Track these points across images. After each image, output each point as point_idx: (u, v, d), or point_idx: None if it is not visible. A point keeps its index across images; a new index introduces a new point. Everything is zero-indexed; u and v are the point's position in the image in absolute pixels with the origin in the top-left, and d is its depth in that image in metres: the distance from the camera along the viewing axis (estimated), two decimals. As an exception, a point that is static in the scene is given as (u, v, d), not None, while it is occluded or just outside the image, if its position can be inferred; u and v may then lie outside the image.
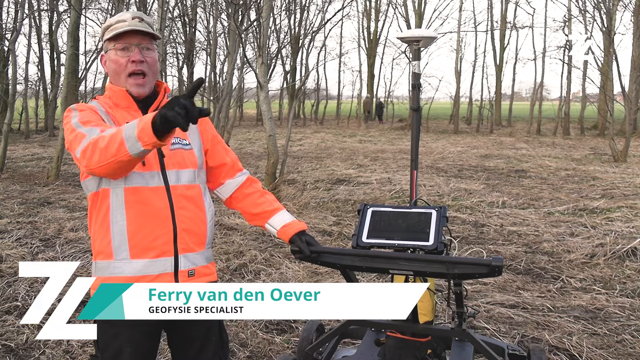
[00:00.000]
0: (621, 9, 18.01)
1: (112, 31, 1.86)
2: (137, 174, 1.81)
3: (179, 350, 1.99)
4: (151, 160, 1.84)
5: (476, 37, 29.11)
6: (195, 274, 1.91)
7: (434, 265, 2.07)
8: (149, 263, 1.82)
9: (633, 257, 5.18)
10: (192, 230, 1.89)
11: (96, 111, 1.85)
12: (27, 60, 20.71)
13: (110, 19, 1.91)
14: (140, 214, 1.80)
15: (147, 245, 1.81)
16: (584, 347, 3.40)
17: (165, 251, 1.83)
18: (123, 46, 1.85)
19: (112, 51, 1.87)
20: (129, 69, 1.85)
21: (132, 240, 1.80)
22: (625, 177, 10.02)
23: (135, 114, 1.87)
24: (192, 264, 1.90)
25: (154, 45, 1.92)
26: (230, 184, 2.08)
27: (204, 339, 1.97)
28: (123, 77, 1.87)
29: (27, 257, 5.14)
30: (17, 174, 10.19)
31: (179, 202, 1.86)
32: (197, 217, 1.91)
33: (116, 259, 1.81)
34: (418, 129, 2.83)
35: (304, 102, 29.56)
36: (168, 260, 1.84)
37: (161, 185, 1.84)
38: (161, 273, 1.83)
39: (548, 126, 23.54)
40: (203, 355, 1.97)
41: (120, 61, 1.85)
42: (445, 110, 32.00)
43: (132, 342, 1.85)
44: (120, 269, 1.80)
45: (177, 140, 1.91)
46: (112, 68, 1.88)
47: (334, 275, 4.65)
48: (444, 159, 12.86)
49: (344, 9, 27.34)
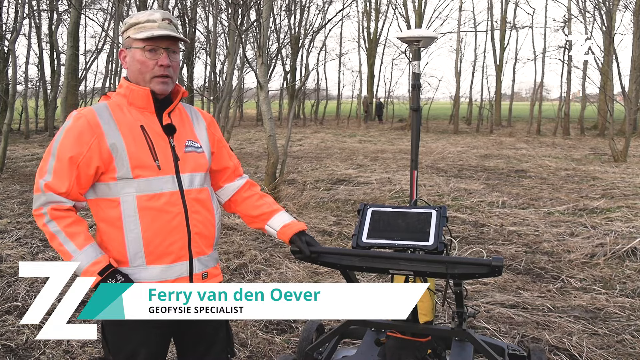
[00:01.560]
0: (621, 9, 18.02)
1: (142, 30, 1.81)
2: (151, 180, 1.79)
3: (188, 347, 2.00)
4: (167, 164, 1.82)
5: (476, 37, 29.11)
6: (208, 276, 1.92)
7: (434, 265, 2.07)
8: (165, 268, 1.81)
9: (633, 257, 5.18)
10: (204, 233, 1.90)
11: (96, 124, 1.76)
12: (27, 60, 20.78)
13: (139, 16, 1.85)
14: (155, 220, 1.78)
15: (164, 251, 1.80)
16: (584, 347, 3.40)
17: (181, 256, 1.83)
18: (152, 48, 1.81)
19: (139, 51, 1.82)
20: (155, 72, 1.82)
21: (148, 247, 1.78)
22: (625, 177, 10.02)
23: (150, 115, 1.85)
24: (205, 266, 1.91)
25: (180, 49, 1.90)
26: (230, 187, 2.08)
27: (213, 335, 1.99)
28: (148, 77, 1.83)
29: (27, 257, 5.14)
30: (17, 174, 10.19)
31: (193, 206, 1.85)
32: (208, 220, 1.91)
33: (132, 266, 1.79)
34: (418, 129, 2.83)
35: (304, 102, 29.55)
36: (184, 265, 1.84)
37: (175, 190, 1.82)
38: (177, 277, 1.83)
39: (548, 126, 23.55)
40: (212, 351, 1.99)
41: (148, 63, 1.82)
42: (445, 110, 32.01)
43: (148, 343, 1.84)
44: (136, 275, 1.79)
45: (190, 143, 1.90)
46: (137, 68, 1.83)
47: (334, 275, 4.65)
48: (444, 159, 12.86)
49: (344, 9, 27.41)
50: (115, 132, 1.78)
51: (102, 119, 1.79)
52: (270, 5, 8.15)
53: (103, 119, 1.79)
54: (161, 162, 1.80)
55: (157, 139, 1.83)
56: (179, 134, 1.89)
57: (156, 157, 1.80)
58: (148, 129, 1.83)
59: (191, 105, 2.06)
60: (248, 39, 16.38)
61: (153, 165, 1.79)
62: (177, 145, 1.87)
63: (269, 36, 9.06)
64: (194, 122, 1.97)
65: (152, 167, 1.79)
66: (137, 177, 1.77)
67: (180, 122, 1.92)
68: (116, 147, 1.76)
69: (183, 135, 1.90)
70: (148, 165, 1.79)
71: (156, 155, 1.80)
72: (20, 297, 4.15)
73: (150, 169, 1.79)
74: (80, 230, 1.75)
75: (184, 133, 1.91)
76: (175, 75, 1.89)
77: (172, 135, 1.87)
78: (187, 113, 1.98)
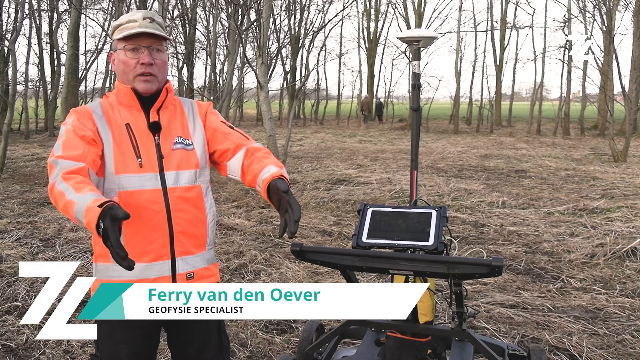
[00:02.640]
0: (621, 9, 18.02)
1: (122, 31, 1.84)
2: (133, 177, 1.80)
3: (179, 351, 1.99)
4: (149, 162, 1.82)
5: (476, 37, 29.11)
6: (195, 277, 1.89)
7: (434, 265, 2.07)
8: (145, 267, 1.81)
9: (633, 257, 5.18)
10: (191, 232, 1.87)
11: (92, 118, 1.84)
12: (27, 60, 20.75)
13: (122, 18, 1.88)
14: (134, 218, 1.75)
15: (143, 249, 1.80)
16: (584, 347, 3.40)
17: (161, 255, 1.82)
18: (132, 47, 1.83)
19: (122, 51, 1.85)
20: (137, 70, 1.84)
21: (128, 244, 1.76)
22: (625, 177, 10.02)
23: (137, 114, 1.88)
24: (191, 266, 1.88)
25: (164, 47, 1.90)
26: (232, 165, 1.96)
27: (202, 341, 1.96)
28: (131, 77, 1.86)
29: (27, 257, 5.14)
30: (17, 174, 10.19)
31: (177, 205, 1.84)
32: (196, 218, 1.89)
33: (114, 262, 1.79)
34: (418, 129, 2.83)
35: (304, 102, 29.55)
36: (165, 264, 1.83)
37: (157, 188, 1.82)
38: (158, 277, 1.83)
39: (548, 126, 23.54)
40: (201, 358, 1.97)
41: (130, 62, 1.84)
42: (445, 110, 32.00)
43: (128, 343, 1.85)
44: (118, 272, 1.78)
45: (179, 140, 1.89)
46: (121, 68, 1.87)
47: (334, 275, 4.65)
48: (444, 159, 12.86)
49: (345, 9, 27.41)
50: (105, 129, 1.83)
51: (96, 115, 1.85)
52: (270, 5, 8.15)
53: (97, 115, 1.85)
54: (144, 160, 1.81)
55: (141, 137, 1.85)
56: (167, 131, 1.89)
57: (139, 154, 1.82)
58: (133, 127, 1.86)
59: (192, 100, 2.04)
60: (248, 39, 16.38)
61: (135, 163, 1.81)
62: (164, 143, 1.87)
63: (269, 36, 9.05)
64: (189, 118, 1.96)
65: (133, 165, 1.81)
66: (119, 174, 1.80)
67: (172, 118, 1.92)
68: (103, 140, 1.82)
69: (172, 132, 1.89)
70: (129, 163, 1.81)
71: (139, 153, 1.82)
72: (20, 297, 4.15)
73: (131, 167, 1.81)
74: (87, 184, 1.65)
75: (174, 130, 1.90)
76: (160, 74, 1.88)
77: (157, 133, 1.87)
78: (183, 109, 1.97)
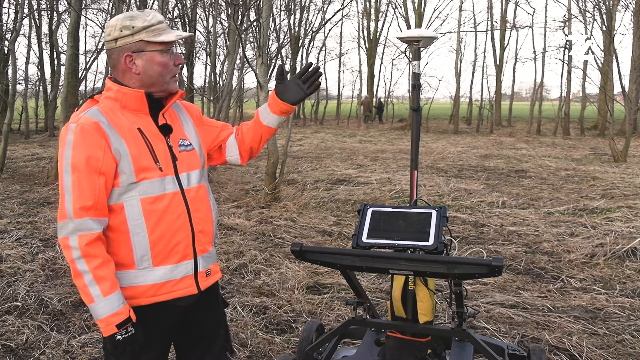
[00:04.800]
0: (621, 9, 18.02)
1: (158, 33, 1.80)
2: (155, 182, 1.78)
3: (187, 348, 2.01)
4: (167, 165, 1.82)
5: (476, 37, 29.11)
6: (211, 273, 1.96)
7: (434, 265, 2.07)
8: (172, 268, 1.82)
9: (633, 257, 5.18)
10: (205, 230, 1.91)
11: (100, 130, 1.73)
12: (27, 60, 20.77)
13: (145, 17, 1.80)
14: (161, 222, 1.78)
15: (170, 251, 1.81)
16: (584, 347, 3.40)
17: (186, 255, 1.85)
18: (168, 49, 1.84)
19: (157, 54, 1.80)
20: (174, 71, 1.86)
21: (155, 249, 1.78)
22: (625, 177, 10.02)
23: (145, 117, 1.84)
24: (208, 263, 1.94)
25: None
26: (230, 142, 2.12)
27: (212, 336, 2.01)
28: (168, 78, 1.85)
29: (27, 257, 5.14)
30: (17, 174, 10.19)
31: (194, 205, 1.87)
32: (207, 217, 1.93)
33: (138, 269, 1.79)
34: (418, 129, 2.83)
35: (304, 102, 29.55)
36: (189, 263, 1.86)
37: (177, 190, 1.83)
38: (184, 276, 1.85)
39: (548, 126, 23.55)
40: (211, 351, 2.00)
41: (169, 64, 1.84)
42: (445, 110, 32.01)
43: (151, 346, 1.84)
44: (142, 278, 1.79)
45: (181, 142, 1.90)
46: (157, 71, 1.81)
47: (334, 276, 4.65)
48: (444, 159, 12.86)
49: (344, 9, 27.42)
50: (116, 137, 1.75)
51: (103, 124, 1.75)
52: (270, 5, 8.14)
53: (104, 124, 1.75)
54: (162, 163, 1.81)
55: (155, 140, 1.82)
56: (174, 134, 1.89)
57: (157, 158, 1.80)
58: (145, 131, 1.81)
59: (176, 102, 2.01)
60: (248, 39, 16.38)
61: (155, 167, 1.79)
62: (173, 145, 1.88)
63: (269, 36, 9.06)
64: (182, 120, 1.97)
65: (154, 169, 1.79)
66: (141, 180, 1.76)
67: (172, 121, 1.92)
68: (119, 151, 1.74)
69: (176, 135, 1.91)
70: (150, 168, 1.78)
71: (156, 157, 1.80)
72: (20, 297, 4.15)
73: (152, 171, 1.78)
74: (108, 274, 1.70)
75: (177, 132, 1.92)
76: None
77: (168, 135, 1.87)
78: (175, 112, 1.97)
